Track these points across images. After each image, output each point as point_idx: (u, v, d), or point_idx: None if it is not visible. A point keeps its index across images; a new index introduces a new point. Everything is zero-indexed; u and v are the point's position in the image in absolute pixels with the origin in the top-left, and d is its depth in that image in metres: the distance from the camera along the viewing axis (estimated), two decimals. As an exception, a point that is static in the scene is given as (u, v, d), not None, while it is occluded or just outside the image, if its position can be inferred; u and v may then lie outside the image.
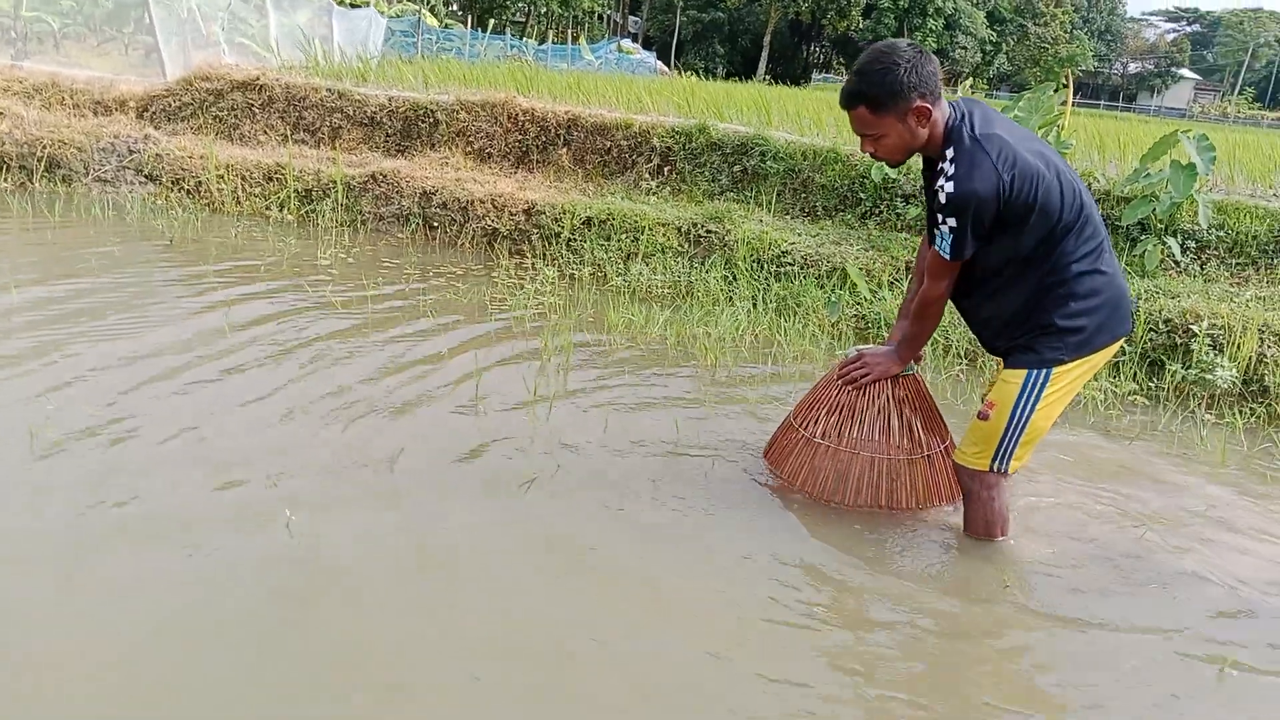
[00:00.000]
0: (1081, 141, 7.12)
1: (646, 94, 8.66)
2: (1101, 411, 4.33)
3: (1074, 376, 2.71)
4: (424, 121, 8.05)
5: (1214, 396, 4.51)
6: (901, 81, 2.46)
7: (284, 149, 7.99)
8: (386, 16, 18.63)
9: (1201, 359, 4.55)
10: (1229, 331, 4.59)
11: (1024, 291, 2.66)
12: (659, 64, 31.62)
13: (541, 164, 7.69)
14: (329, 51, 11.71)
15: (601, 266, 6.09)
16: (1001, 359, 2.84)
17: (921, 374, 3.23)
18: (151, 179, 7.62)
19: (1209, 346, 4.58)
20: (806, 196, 6.75)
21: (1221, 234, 5.56)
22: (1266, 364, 4.49)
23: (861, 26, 42.61)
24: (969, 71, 43.23)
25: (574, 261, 6.23)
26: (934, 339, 4.79)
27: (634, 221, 6.26)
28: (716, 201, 6.77)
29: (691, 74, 16.19)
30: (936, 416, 3.21)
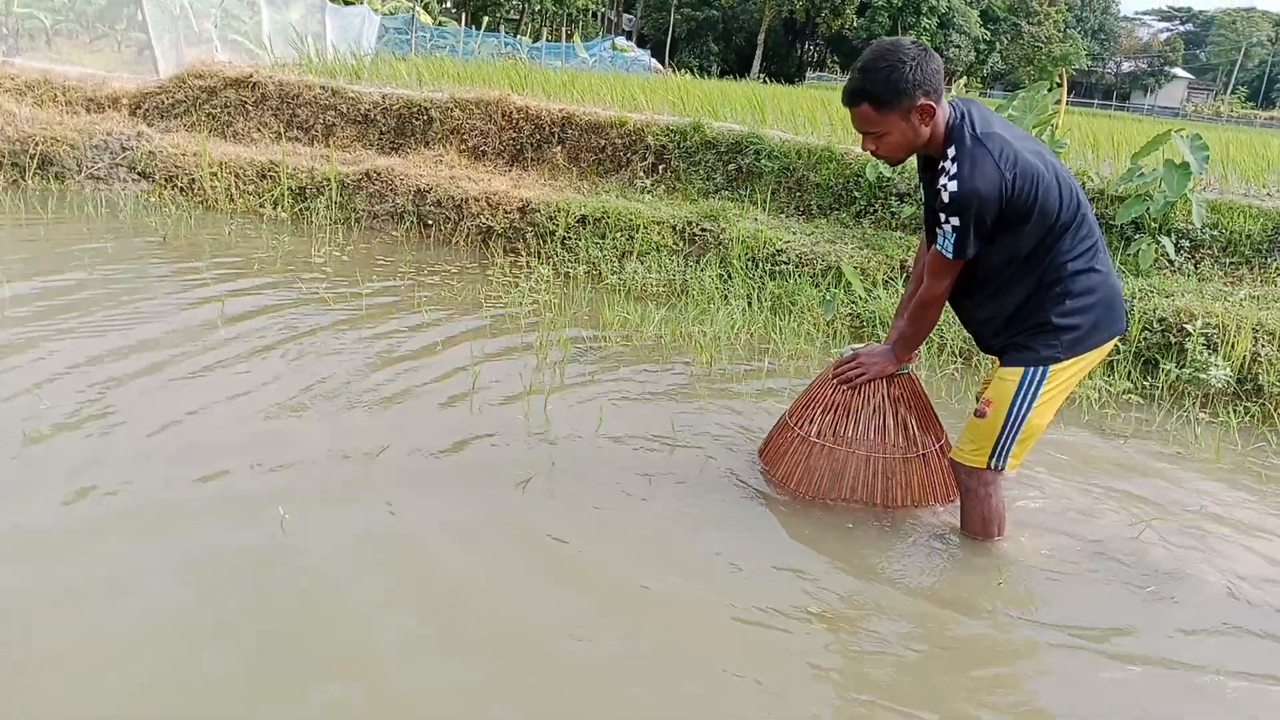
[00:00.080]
0: (1075, 140, 7.12)
1: (641, 92, 8.64)
2: (1096, 410, 4.33)
3: (1069, 374, 2.71)
4: (418, 119, 8.04)
5: (1208, 395, 4.52)
6: (906, 79, 2.44)
7: (277, 146, 7.97)
8: (380, 13, 18.59)
9: (1196, 358, 4.56)
10: (1223, 330, 4.60)
11: (1021, 290, 2.66)
12: (653, 62, 31.62)
13: (536, 162, 7.68)
14: (322, 49, 11.69)
15: (596, 265, 6.08)
16: (997, 357, 2.84)
17: (916, 372, 3.23)
18: (145, 176, 7.59)
19: (1203, 345, 4.59)
20: (801, 195, 6.74)
21: (1215, 233, 5.57)
22: (1260, 363, 4.50)
23: (856, 25, 42.69)
24: (963, 70, 43.29)
25: (569, 260, 6.22)
26: (929, 338, 4.79)
27: (629, 220, 6.25)
28: (711, 200, 6.77)
29: (686, 72, 16.16)
30: (931, 415, 3.21)
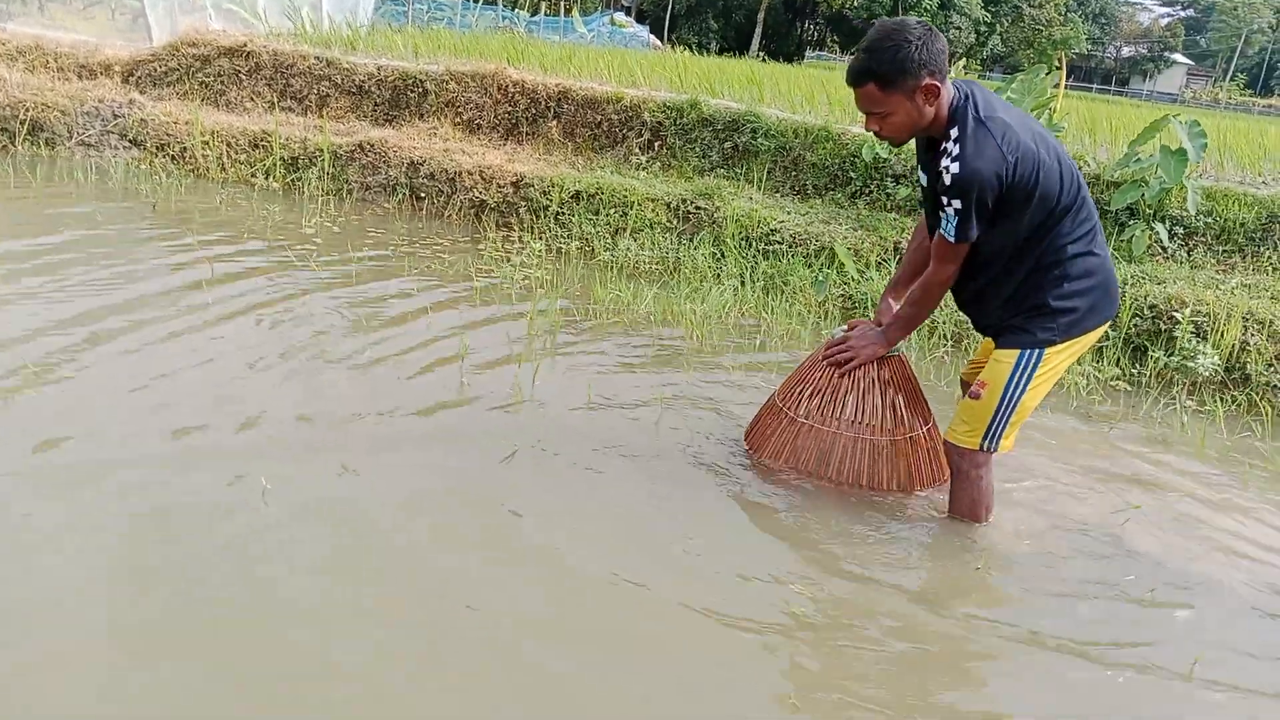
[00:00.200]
0: (1073, 124, 7.10)
1: (639, 68, 8.58)
2: (1084, 396, 4.34)
3: (1064, 357, 2.73)
4: (413, 91, 7.97)
5: (1196, 383, 4.53)
6: (912, 59, 2.42)
7: (270, 116, 7.90)
8: (377, -16, 18.36)
9: (1184, 346, 4.56)
10: (1213, 319, 4.60)
11: (1020, 272, 2.66)
12: (652, 38, 31.37)
13: (531, 136, 7.63)
14: (317, 19, 11.56)
15: (589, 241, 6.06)
16: (992, 339, 2.85)
17: (906, 354, 3.23)
18: (136, 144, 7.53)
19: (1192, 334, 4.60)
20: (797, 175, 6.72)
21: (1209, 221, 5.56)
22: (1249, 352, 4.51)
23: (856, 4, 42.39)
24: (963, 52, 43.02)
25: (562, 235, 6.19)
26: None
27: (623, 196, 6.22)
28: (706, 178, 6.73)
29: (684, 49, 16.06)
30: (920, 398, 3.21)
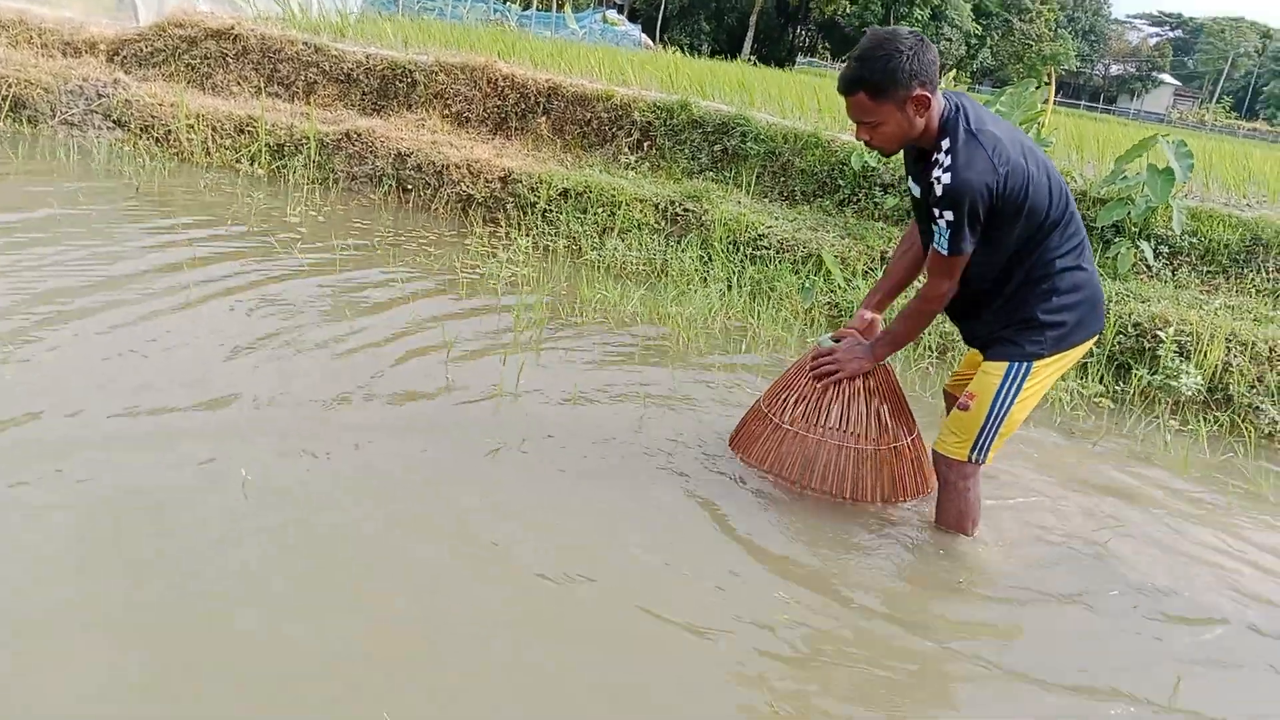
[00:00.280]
0: (1061, 140, 7.12)
1: (630, 66, 8.55)
2: (1067, 412, 4.35)
3: (1052, 370, 2.74)
4: (402, 81, 7.90)
5: (1179, 403, 4.54)
6: (903, 68, 2.41)
7: (257, 101, 7.81)
8: (369, -28, 18.24)
9: (1168, 365, 4.57)
10: (1196, 339, 4.62)
11: (1009, 286, 2.67)
12: (644, 37, 31.28)
13: (520, 131, 7.58)
14: (306, 4, 11.46)
15: (577, 240, 6.02)
16: (979, 351, 2.84)
17: (891, 365, 3.21)
18: (120, 125, 7.42)
19: (1175, 353, 4.61)
20: (785, 180, 6.70)
21: (1194, 241, 5.59)
22: (1231, 373, 4.52)
23: (849, 12, 42.44)
24: (953, 64, 43.22)
25: (549, 233, 6.15)
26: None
27: (611, 195, 6.18)
28: (695, 180, 6.71)
29: (676, 50, 16.02)
30: (905, 408, 3.19)
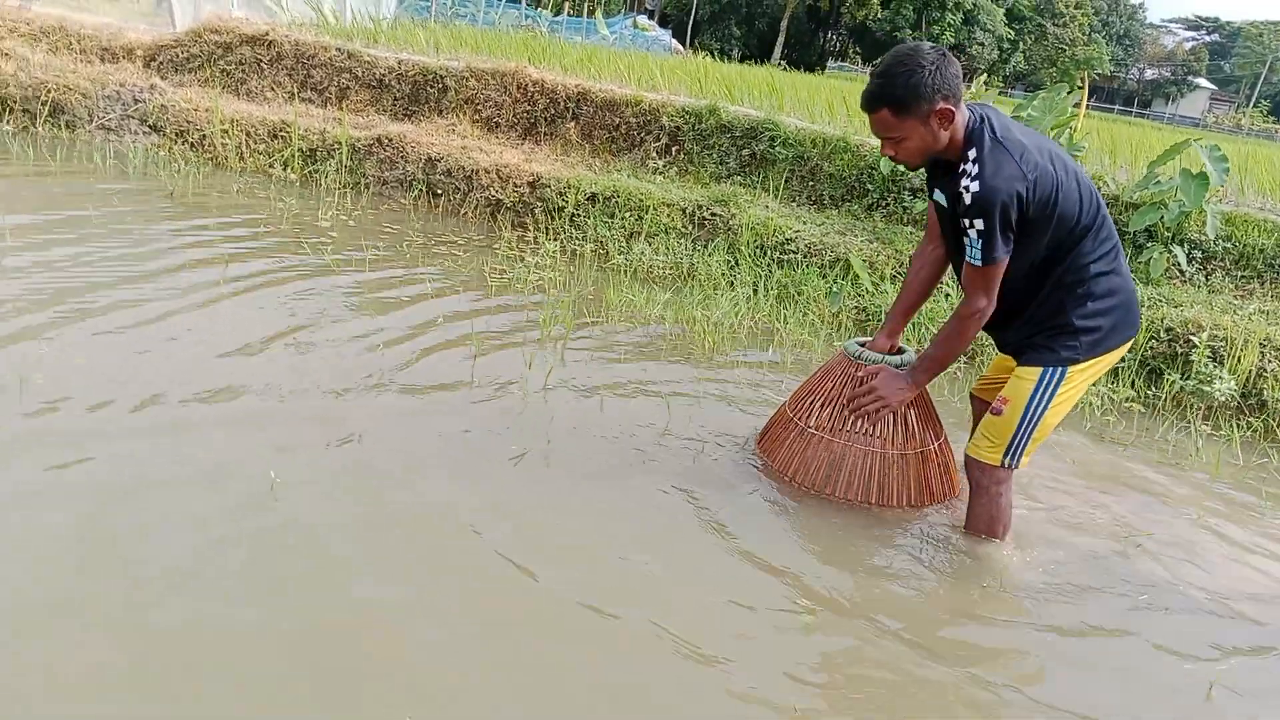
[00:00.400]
0: (1094, 145, 7.06)
1: (659, 72, 8.57)
2: (1098, 417, 4.30)
3: (1086, 375, 2.72)
4: (433, 87, 7.97)
5: (1211, 408, 4.48)
6: (925, 84, 2.42)
7: (290, 107, 7.91)
8: (401, -21, 18.41)
9: (1201, 370, 4.52)
10: (1230, 344, 4.56)
11: (1042, 292, 2.66)
12: (674, 43, 31.31)
13: (549, 136, 7.62)
14: (340, 10, 11.59)
15: (604, 244, 6.04)
16: (1014, 357, 2.83)
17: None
18: (155, 130, 7.55)
19: (1209, 358, 4.55)
20: (814, 184, 6.69)
21: (1228, 245, 5.52)
22: (1266, 378, 4.46)
23: (880, 17, 42.29)
24: (985, 68, 42.90)
25: (577, 237, 6.18)
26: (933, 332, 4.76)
27: (639, 200, 6.20)
28: (723, 184, 6.71)
29: (706, 55, 16.04)
30: (932, 413, 3.18)
